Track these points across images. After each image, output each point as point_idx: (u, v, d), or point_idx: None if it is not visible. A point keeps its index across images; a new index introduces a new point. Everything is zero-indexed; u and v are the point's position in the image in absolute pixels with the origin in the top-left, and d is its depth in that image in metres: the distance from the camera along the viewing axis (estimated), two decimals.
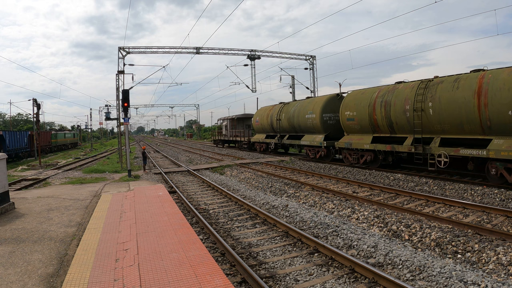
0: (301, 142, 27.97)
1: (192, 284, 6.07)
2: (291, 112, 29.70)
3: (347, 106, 22.34)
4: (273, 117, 33.18)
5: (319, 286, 6.63)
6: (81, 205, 13.09)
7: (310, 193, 15.00)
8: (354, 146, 21.60)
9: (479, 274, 6.58)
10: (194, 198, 15.18)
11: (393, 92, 18.96)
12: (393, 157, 20.01)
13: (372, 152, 20.81)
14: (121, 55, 30.69)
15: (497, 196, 12.89)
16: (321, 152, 25.77)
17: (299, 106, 28.75)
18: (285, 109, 31.39)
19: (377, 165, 20.66)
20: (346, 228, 9.76)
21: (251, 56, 37.42)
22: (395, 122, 18.79)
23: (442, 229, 9.33)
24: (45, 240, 8.94)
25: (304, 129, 28.12)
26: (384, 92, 19.67)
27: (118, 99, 29.67)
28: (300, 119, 28.13)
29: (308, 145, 27.21)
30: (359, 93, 21.95)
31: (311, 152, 27.07)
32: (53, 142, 57.98)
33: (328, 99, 25.73)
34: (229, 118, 48.39)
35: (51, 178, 22.72)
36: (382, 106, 19.39)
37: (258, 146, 37.67)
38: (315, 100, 27.24)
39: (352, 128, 22.24)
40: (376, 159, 20.77)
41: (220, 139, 53.28)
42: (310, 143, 26.54)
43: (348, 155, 22.67)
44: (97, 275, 6.66)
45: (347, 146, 22.21)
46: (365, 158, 21.23)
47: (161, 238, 8.69)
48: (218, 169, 24.57)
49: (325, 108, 25.48)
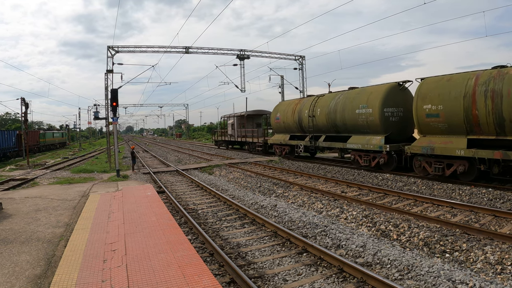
0: (347, 146, 21.62)
1: (180, 284, 6.04)
2: (331, 107, 23.06)
3: (425, 98, 16.56)
4: (302, 113, 26.32)
5: (307, 286, 6.64)
6: (69, 206, 12.98)
7: (299, 193, 15.01)
8: (438, 151, 15.99)
9: (467, 273, 6.63)
10: (183, 198, 15.12)
11: (503, 78, 13.99)
12: (499, 167, 14.76)
13: (466, 160, 15.34)
14: (110, 54, 30.47)
15: (485, 196, 13.00)
16: (379, 159, 19.57)
17: (344, 99, 22.27)
18: (320, 102, 24.49)
19: (471, 177, 15.42)
20: (335, 228, 9.78)
21: (240, 56, 37.34)
22: (509, 120, 13.82)
23: (430, 229, 9.39)
24: (33, 241, 8.86)
25: (351, 128, 21.77)
26: (487, 78, 14.53)
27: (106, 98, 29.42)
28: (346, 115, 21.71)
29: (359, 149, 21.03)
30: (442, 80, 16.30)
31: (363, 159, 20.73)
32: (42, 142, 57.48)
33: (389, 89, 19.68)
34: (236, 115, 41.30)
35: (39, 178, 22.50)
36: (488, 98, 14.27)
37: (279, 149, 30.51)
38: (367, 91, 20.94)
39: (434, 128, 16.47)
40: (471, 169, 15.41)
41: (224, 140, 45.96)
42: (362, 146, 20.41)
43: (425, 164, 16.91)
44: (84, 276, 6.60)
45: (427, 151, 16.50)
46: (454, 168, 15.69)
47: (149, 239, 8.65)
48: (207, 169, 24.50)
49: (386, 100, 19.42)
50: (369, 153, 20.40)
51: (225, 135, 45.22)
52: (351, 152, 22.05)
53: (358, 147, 20.67)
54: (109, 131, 32.22)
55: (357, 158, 21.21)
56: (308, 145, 26.01)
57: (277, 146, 30.73)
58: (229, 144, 44.94)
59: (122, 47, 32.05)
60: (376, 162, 19.78)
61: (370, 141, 19.90)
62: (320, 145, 24.72)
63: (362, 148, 20.39)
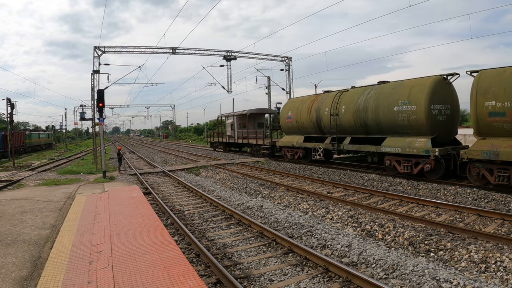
0: (381, 149, 18.37)
1: (166, 285, 6.05)
2: (360, 103, 19.70)
3: (487, 93, 13.82)
4: (321, 111, 22.72)
5: (293, 286, 6.68)
6: (55, 207, 12.89)
7: (285, 193, 15.06)
8: (505, 157, 13.16)
9: (451, 272, 6.73)
10: (169, 199, 15.08)
11: None
12: None
13: None
14: (96, 54, 30.27)
15: (470, 196, 13.16)
16: (424, 165, 16.37)
17: (376, 95, 18.91)
18: (345, 98, 21.07)
19: None
20: (321, 228, 9.84)
21: (227, 57, 37.32)
22: None
23: (415, 228, 9.50)
24: (19, 243, 8.80)
25: (386, 129, 18.50)
26: None
27: (93, 99, 29.21)
28: (380, 114, 18.39)
29: (397, 154, 17.67)
30: (505, 73, 13.54)
31: (403, 164, 17.37)
32: (27, 143, 56.86)
33: (436, 83, 16.54)
34: (237, 114, 37.50)
35: (25, 179, 22.24)
36: None
37: (290, 153, 26.53)
38: (407, 85, 17.59)
39: (499, 129, 13.76)
40: None
41: (221, 141, 41.79)
42: (402, 150, 17.14)
43: (485, 171, 14.10)
44: (71, 277, 6.59)
45: (489, 157, 13.67)
46: None
47: (135, 240, 8.63)
48: (194, 170, 24.43)
49: (433, 95, 16.33)
50: (410, 158, 17.09)
51: (223, 136, 41.54)
52: (385, 157, 18.43)
53: (397, 151, 17.37)
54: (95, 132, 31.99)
55: (394, 164, 17.92)
56: (329, 148, 22.34)
57: (288, 149, 26.79)
58: (227, 146, 40.91)
59: (109, 47, 31.86)
60: (419, 169, 16.67)
61: (412, 144, 16.82)
62: (344, 148, 21.18)
63: (402, 152, 17.15)
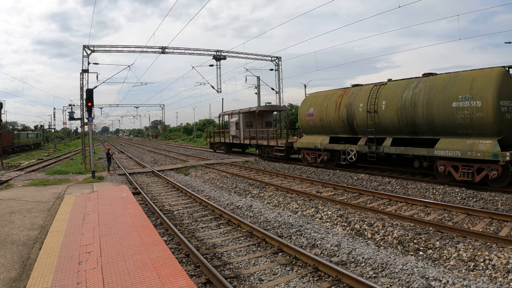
0: (434, 152, 15.32)
1: (156, 285, 6.04)
2: (406, 98, 16.56)
3: None
4: (354, 107, 19.45)
5: (283, 285, 6.70)
6: (43, 208, 12.79)
7: (274, 193, 15.08)
8: None
9: (440, 270, 6.80)
10: (159, 199, 15.03)
11: None
12: None
13: None
14: (85, 54, 30.04)
15: (458, 195, 13.27)
16: (489, 172, 13.73)
17: (427, 88, 15.80)
18: (385, 93, 17.81)
19: None
20: (310, 228, 9.89)
21: (216, 57, 37.24)
22: None
23: (404, 227, 9.55)
24: (7, 244, 8.72)
25: (440, 129, 15.44)
26: None
27: (82, 98, 28.97)
28: (434, 111, 15.33)
29: (455, 158, 14.74)
30: None
31: (461, 171, 14.53)
32: (16, 143, 56.27)
33: (502, 76, 13.78)
34: (243, 111, 33.09)
35: (14, 180, 22.01)
36: None
37: (311, 156, 23.00)
38: (465, 77, 14.71)
39: None
40: None
41: (223, 142, 37.67)
42: (462, 154, 14.28)
43: None
44: (60, 278, 6.56)
45: None
46: None
47: (124, 240, 8.59)
48: (183, 170, 24.37)
49: (501, 90, 13.60)
50: (471, 163, 14.32)
51: (225, 137, 37.66)
52: (437, 162, 15.49)
53: (456, 154, 14.50)
54: (84, 131, 31.76)
55: (450, 170, 14.97)
56: (364, 150, 18.93)
57: (309, 151, 23.26)
58: (230, 147, 37.01)
59: (98, 46, 31.65)
60: (482, 176, 13.98)
61: (475, 147, 14.01)
62: (385, 150, 17.87)
63: (462, 157, 14.33)
